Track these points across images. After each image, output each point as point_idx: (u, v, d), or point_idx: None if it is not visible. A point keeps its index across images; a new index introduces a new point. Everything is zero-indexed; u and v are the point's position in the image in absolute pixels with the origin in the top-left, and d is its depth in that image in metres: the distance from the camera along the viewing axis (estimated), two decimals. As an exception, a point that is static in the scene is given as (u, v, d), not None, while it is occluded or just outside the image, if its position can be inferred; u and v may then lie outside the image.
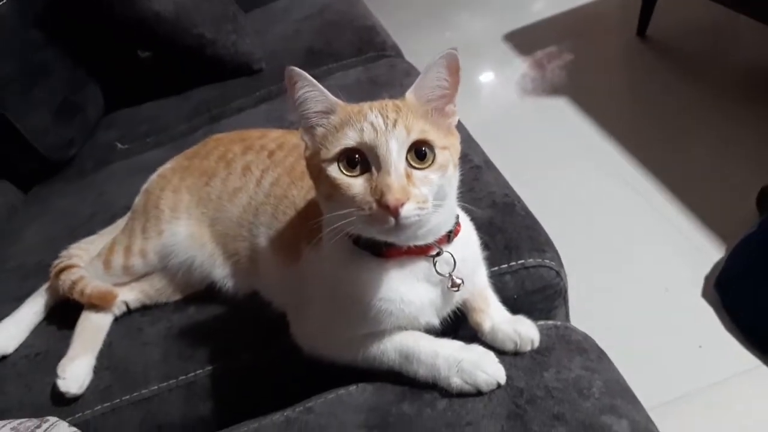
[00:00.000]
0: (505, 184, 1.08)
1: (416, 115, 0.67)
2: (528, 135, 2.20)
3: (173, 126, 1.65)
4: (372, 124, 0.65)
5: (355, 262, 0.73)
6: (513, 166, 1.26)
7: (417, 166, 0.65)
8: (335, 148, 0.66)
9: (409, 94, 0.69)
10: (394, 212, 0.62)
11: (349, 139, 0.65)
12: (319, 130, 0.69)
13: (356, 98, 1.43)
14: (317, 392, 0.82)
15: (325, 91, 0.68)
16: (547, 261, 0.91)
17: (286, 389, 0.89)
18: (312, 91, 0.68)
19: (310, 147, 0.71)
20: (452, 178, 0.69)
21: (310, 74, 0.67)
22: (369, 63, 1.64)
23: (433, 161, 0.66)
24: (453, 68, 0.68)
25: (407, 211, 0.62)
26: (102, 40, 1.78)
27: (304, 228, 0.85)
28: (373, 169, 0.64)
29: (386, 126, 0.64)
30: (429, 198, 0.65)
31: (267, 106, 1.56)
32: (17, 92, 1.52)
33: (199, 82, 1.76)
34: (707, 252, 1.56)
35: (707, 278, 1.50)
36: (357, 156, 0.65)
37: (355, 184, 0.65)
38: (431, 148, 0.66)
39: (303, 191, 0.88)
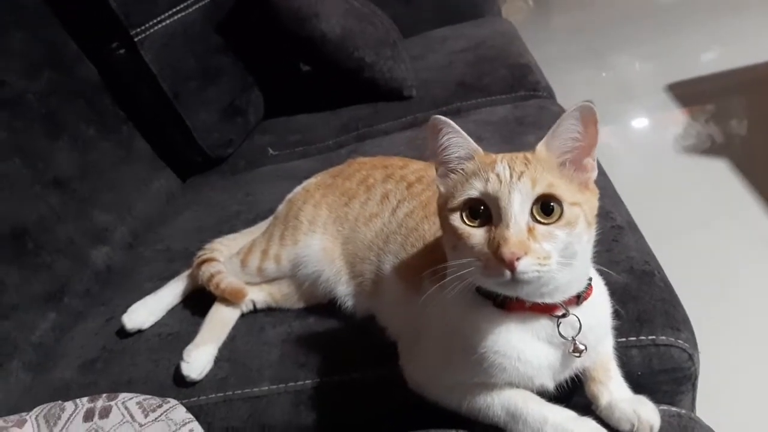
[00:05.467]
0: (647, 250, 1.01)
1: (546, 168, 0.66)
2: (679, 195, 2.05)
3: (322, 139, 1.72)
4: (498, 176, 0.65)
5: (475, 310, 0.72)
6: (657, 228, 1.18)
7: (542, 220, 0.64)
8: (460, 198, 0.67)
9: (541, 147, 0.68)
10: (510, 265, 0.61)
11: (474, 189, 0.66)
12: (454, 177, 0.70)
13: (500, 136, 1.43)
14: (418, 423, 0.81)
15: (468, 137, 0.69)
16: (681, 342, 0.84)
17: (389, 414, 0.90)
18: (455, 137, 0.69)
19: (443, 194, 0.71)
20: (584, 235, 0.66)
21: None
22: (518, 101, 1.62)
23: (560, 217, 0.64)
24: (588, 121, 0.65)
25: (524, 266, 0.61)
26: (270, 52, 1.89)
27: (428, 263, 0.85)
28: (495, 220, 0.64)
29: (511, 178, 0.64)
30: (552, 255, 0.63)
31: (411, 133, 1.58)
32: (193, 91, 1.66)
33: (352, 101, 1.82)
34: None
35: None
36: (481, 207, 0.65)
37: (475, 235, 0.65)
38: (559, 203, 0.64)
39: (434, 227, 0.88)
